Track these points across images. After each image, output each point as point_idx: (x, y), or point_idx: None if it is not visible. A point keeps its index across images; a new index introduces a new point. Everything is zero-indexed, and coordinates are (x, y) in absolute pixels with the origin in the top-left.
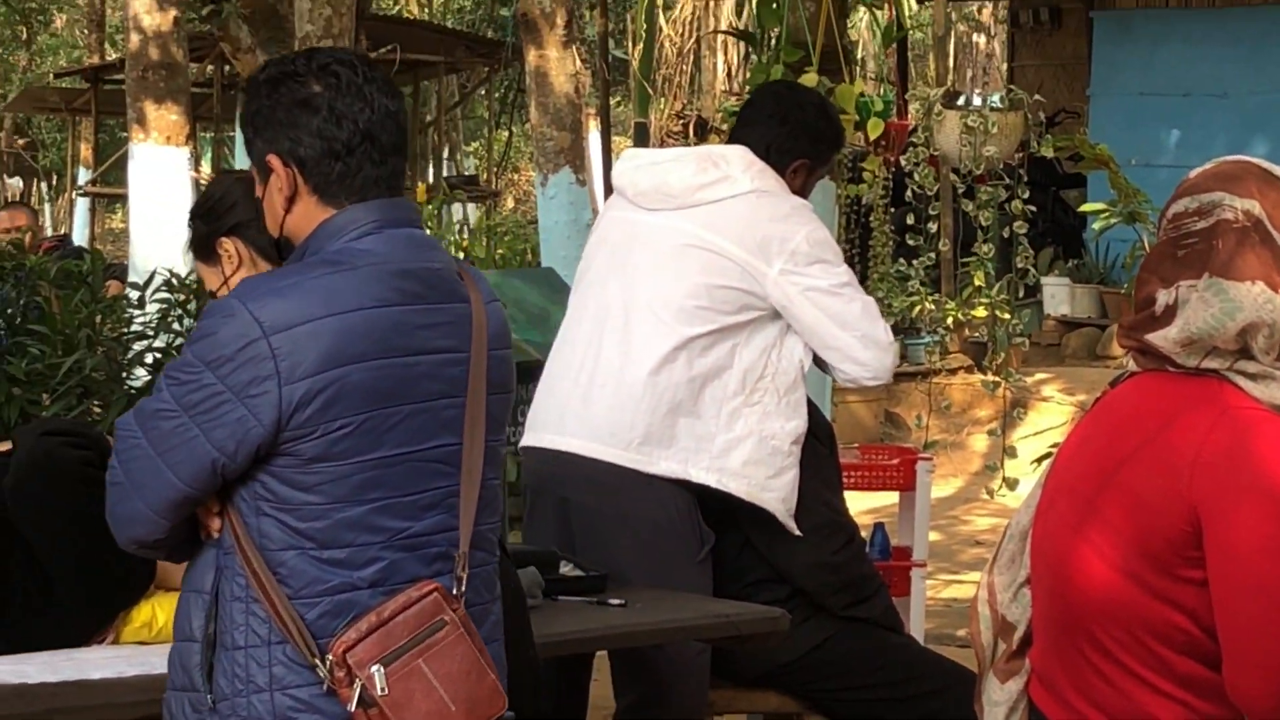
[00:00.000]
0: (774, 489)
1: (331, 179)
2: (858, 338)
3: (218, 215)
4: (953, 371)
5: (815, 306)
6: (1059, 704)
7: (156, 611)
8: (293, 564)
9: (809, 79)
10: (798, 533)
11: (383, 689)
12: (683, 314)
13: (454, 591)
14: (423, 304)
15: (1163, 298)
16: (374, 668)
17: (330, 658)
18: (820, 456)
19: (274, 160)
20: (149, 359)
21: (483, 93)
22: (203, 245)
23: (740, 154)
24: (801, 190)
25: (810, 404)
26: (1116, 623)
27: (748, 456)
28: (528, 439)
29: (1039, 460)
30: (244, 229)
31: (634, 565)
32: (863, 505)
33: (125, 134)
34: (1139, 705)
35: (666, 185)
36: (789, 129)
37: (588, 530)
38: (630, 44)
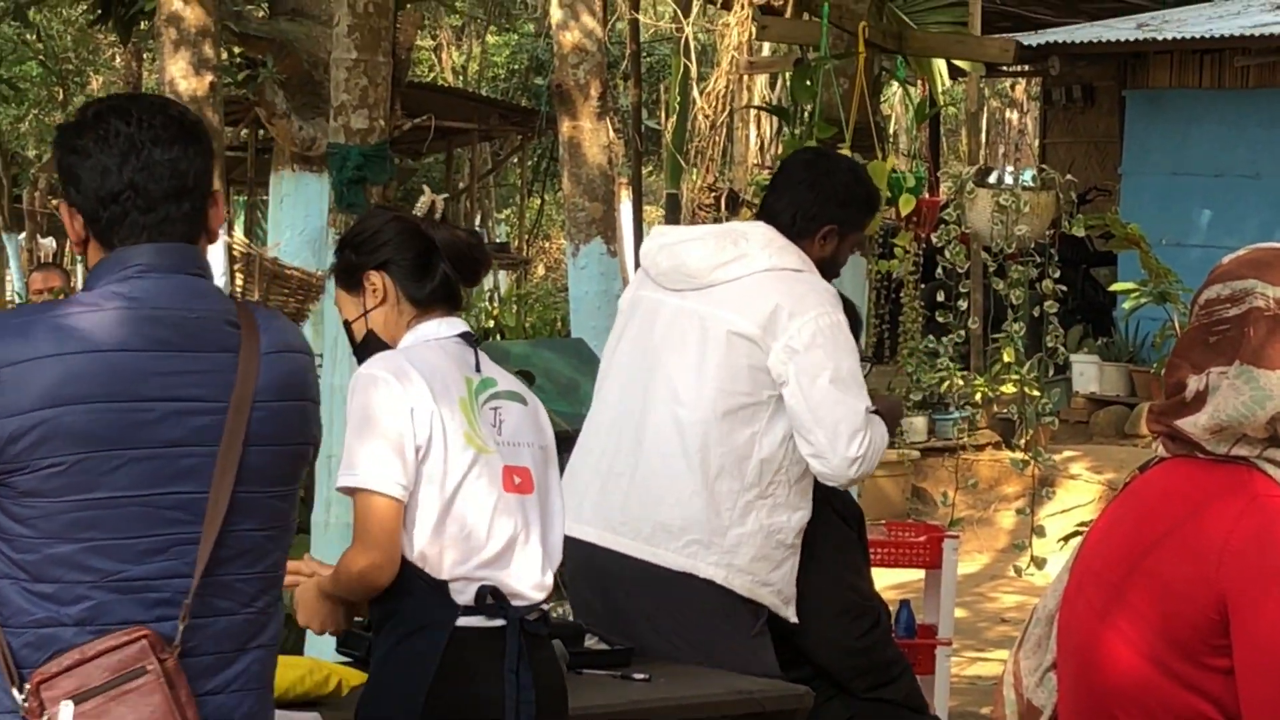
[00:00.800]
0: (773, 582)
1: (102, 226)
2: (826, 439)
3: (371, 249)
4: (980, 447)
5: (801, 393)
6: None
7: None
8: (4, 592)
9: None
10: (795, 620)
11: None
12: (701, 401)
13: (175, 640)
14: (168, 351)
15: (1193, 384)
16: (65, 703)
17: (28, 686)
18: (846, 539)
19: (62, 206)
20: None
21: (515, 160)
22: (349, 274)
23: (761, 231)
24: (833, 257)
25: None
26: (1143, 710)
27: (755, 552)
28: None
29: (1066, 539)
30: (393, 266)
31: (688, 649)
32: (889, 581)
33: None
34: None
35: (685, 266)
36: (817, 194)
37: (631, 619)
38: (663, 114)
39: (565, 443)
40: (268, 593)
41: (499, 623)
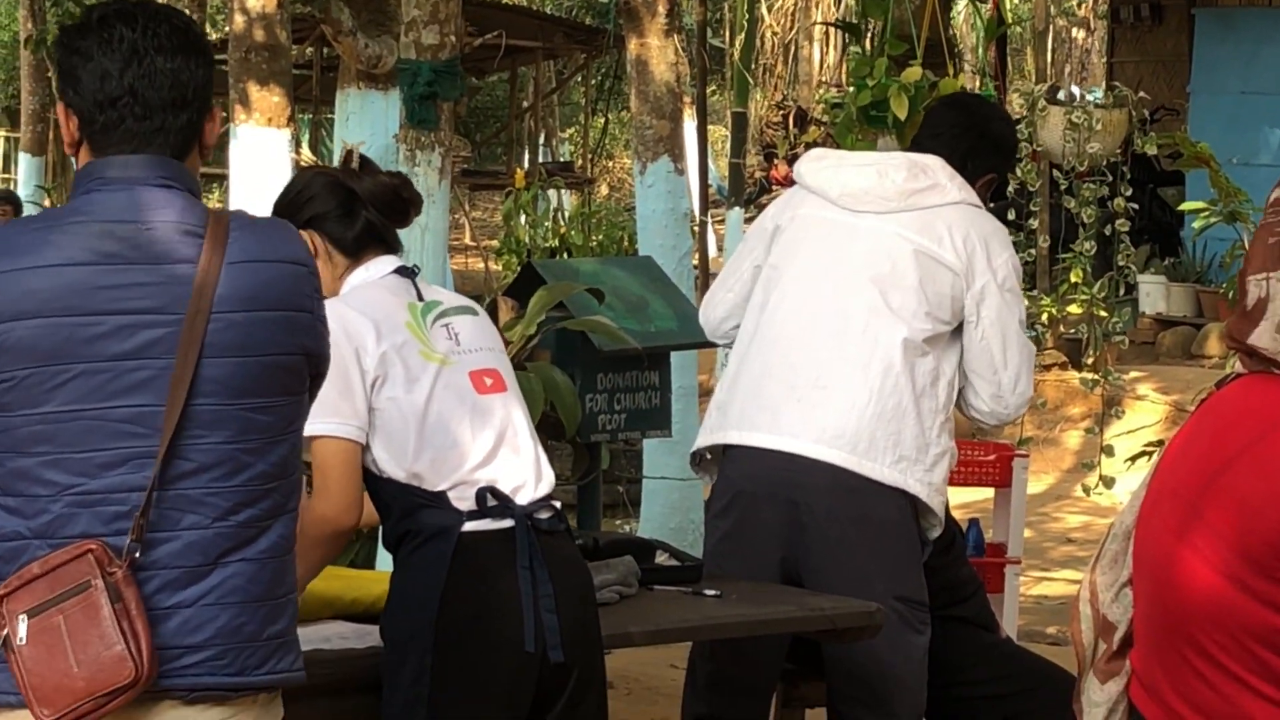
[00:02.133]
0: (945, 501)
1: (96, 130)
2: (1011, 378)
3: (297, 207)
4: (1047, 368)
5: (997, 332)
6: (1160, 706)
7: None
8: None
9: (913, 72)
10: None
11: (22, 639)
12: (904, 316)
13: (133, 553)
14: (116, 264)
15: (1253, 290)
16: (20, 617)
17: None
18: None
19: (59, 107)
20: None
21: (579, 79)
22: None
23: (941, 164)
24: (983, 202)
25: None
26: (1218, 626)
27: (944, 473)
28: (719, 437)
29: (1133, 459)
30: (321, 221)
31: (875, 567)
32: (955, 500)
33: (225, 114)
34: (1241, 709)
35: (881, 188)
36: (987, 143)
37: (823, 532)
38: (726, 33)
39: (635, 360)
40: (256, 505)
41: (508, 523)
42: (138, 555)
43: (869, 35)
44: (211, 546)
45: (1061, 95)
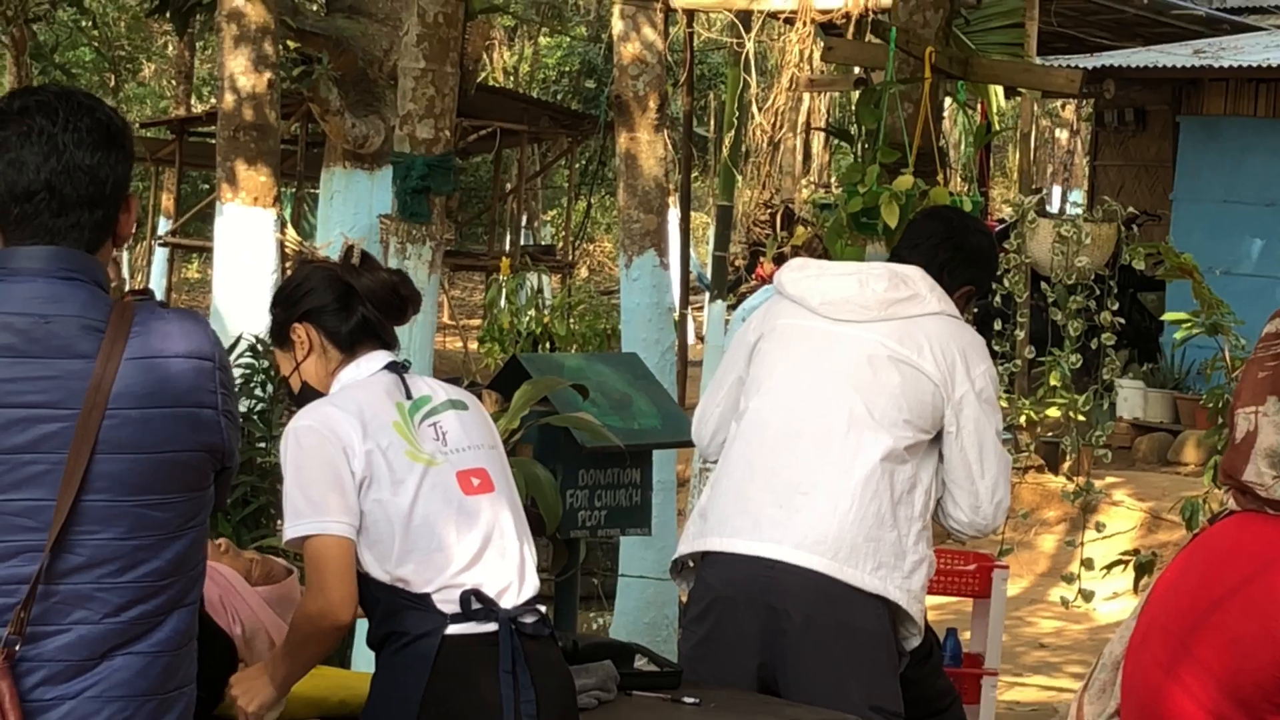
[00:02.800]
0: (923, 615)
1: (9, 221)
2: (989, 487)
3: (295, 300)
4: (1024, 470)
5: (975, 442)
6: None
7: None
8: None
9: (904, 181)
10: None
11: None
12: (885, 424)
13: (12, 645)
14: (13, 357)
15: (1242, 425)
16: None
17: None
18: None
19: None
20: None
21: (563, 163)
22: (279, 331)
23: (921, 275)
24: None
25: None
26: None
27: (923, 580)
28: (700, 544)
29: (1108, 568)
30: (318, 314)
31: (852, 676)
32: (930, 603)
33: (207, 185)
34: None
35: (861, 297)
36: (965, 255)
37: (801, 639)
38: (711, 122)
39: (617, 458)
40: (148, 601)
41: (492, 627)
42: (18, 648)
43: (861, 141)
44: (100, 642)
45: (1043, 194)
